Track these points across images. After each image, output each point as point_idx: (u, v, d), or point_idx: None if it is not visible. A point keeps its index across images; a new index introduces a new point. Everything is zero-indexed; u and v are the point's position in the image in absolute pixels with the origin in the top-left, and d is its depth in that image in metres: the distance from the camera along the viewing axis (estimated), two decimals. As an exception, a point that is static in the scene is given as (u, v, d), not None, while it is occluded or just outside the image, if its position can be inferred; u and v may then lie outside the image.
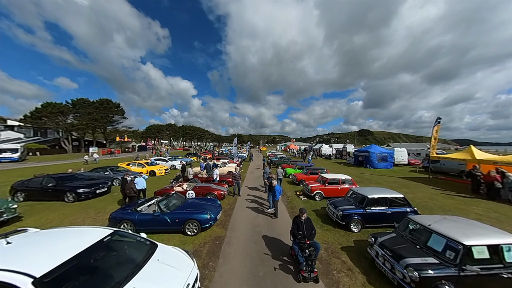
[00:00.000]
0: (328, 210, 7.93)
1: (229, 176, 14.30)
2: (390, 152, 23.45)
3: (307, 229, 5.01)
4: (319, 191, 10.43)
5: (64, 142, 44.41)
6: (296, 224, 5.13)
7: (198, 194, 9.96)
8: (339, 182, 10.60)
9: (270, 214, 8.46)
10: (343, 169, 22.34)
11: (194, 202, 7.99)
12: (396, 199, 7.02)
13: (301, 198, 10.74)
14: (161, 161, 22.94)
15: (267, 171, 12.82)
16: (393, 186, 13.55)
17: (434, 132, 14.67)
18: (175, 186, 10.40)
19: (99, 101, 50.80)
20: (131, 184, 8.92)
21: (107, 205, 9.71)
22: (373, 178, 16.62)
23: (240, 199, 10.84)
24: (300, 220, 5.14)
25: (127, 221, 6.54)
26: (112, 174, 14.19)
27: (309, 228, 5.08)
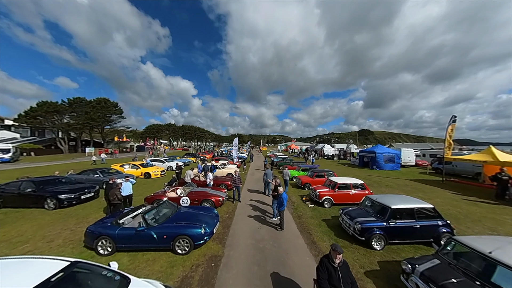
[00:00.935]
0: (342, 221, 6.87)
1: (228, 179, 13.24)
2: (397, 152, 22.38)
3: (344, 283, 3.21)
4: (328, 197, 9.36)
5: (60, 142, 43.34)
6: (327, 272, 3.29)
7: (194, 200, 8.89)
8: (350, 187, 9.54)
9: (275, 225, 7.40)
10: (348, 171, 21.28)
11: (188, 212, 6.92)
12: (424, 210, 5.96)
13: (308, 205, 9.67)
14: (158, 162, 21.92)
15: (269, 174, 11.78)
16: (406, 191, 12.50)
17: (449, 131, 13.59)
18: (168, 192, 9.34)
19: (97, 100, 49.69)
20: (116, 190, 7.86)
21: (91, 213, 8.65)
22: (383, 181, 15.55)
23: (241, 205, 9.79)
24: (332, 265, 3.31)
25: (105, 237, 5.47)
26: (102, 176, 13.13)
27: (347, 280, 3.27)
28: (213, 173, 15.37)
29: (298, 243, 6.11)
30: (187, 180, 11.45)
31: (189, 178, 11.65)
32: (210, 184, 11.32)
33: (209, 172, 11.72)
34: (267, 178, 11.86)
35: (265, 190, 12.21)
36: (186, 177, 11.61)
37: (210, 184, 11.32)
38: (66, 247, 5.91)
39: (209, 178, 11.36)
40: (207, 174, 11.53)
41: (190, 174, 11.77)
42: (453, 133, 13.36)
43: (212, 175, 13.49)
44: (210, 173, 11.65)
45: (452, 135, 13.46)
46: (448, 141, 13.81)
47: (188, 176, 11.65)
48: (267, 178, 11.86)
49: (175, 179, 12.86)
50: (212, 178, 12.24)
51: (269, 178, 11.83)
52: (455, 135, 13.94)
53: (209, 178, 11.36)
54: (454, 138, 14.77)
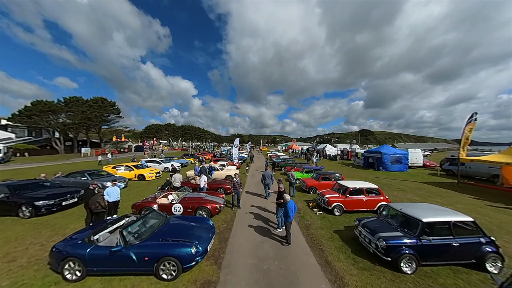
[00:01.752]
0: (360, 234, 5.83)
1: (227, 182, 12.21)
2: (405, 153, 21.34)
3: None
4: (338, 203, 8.32)
5: (56, 142, 42.30)
6: None
7: (187, 208, 7.85)
8: (363, 192, 8.50)
9: (280, 237, 6.37)
10: (353, 172, 20.24)
11: (178, 224, 5.88)
12: (463, 223, 4.93)
13: (316, 212, 8.63)
14: (153, 163, 20.88)
15: (267, 175, 10.82)
16: (421, 195, 11.47)
17: (467, 131, 12.55)
18: (159, 198, 8.31)
19: (93, 99, 48.68)
20: (98, 197, 6.83)
21: (71, 223, 7.61)
22: (393, 184, 14.51)
23: (240, 212, 8.75)
24: None
25: (74, 258, 4.44)
26: (91, 179, 12.09)
27: None
28: (211, 175, 14.36)
29: (309, 263, 5.08)
30: (176, 185, 10.45)
31: (179, 182, 10.65)
32: (204, 188, 10.28)
33: (203, 175, 10.66)
34: (266, 179, 10.96)
35: (266, 193, 11.35)
36: (175, 182, 10.61)
37: (204, 188, 10.28)
38: (29, 268, 4.88)
39: (204, 181, 10.32)
40: (201, 177, 10.47)
41: (179, 179, 10.75)
42: (472, 133, 12.29)
43: (210, 178, 12.50)
44: (204, 176, 10.59)
45: (470, 135, 12.41)
46: (465, 141, 12.76)
47: (177, 181, 10.65)
48: (266, 179, 10.96)
49: (169, 183, 11.83)
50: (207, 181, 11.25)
51: (268, 179, 10.94)
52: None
53: (204, 181, 10.32)
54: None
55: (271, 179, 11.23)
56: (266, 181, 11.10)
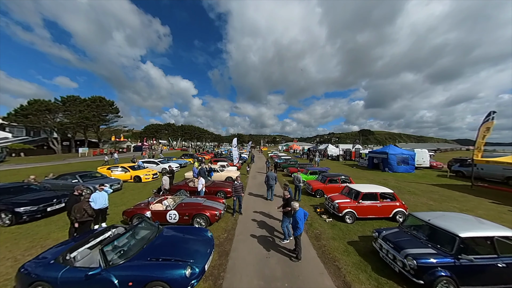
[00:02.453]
0: (380, 249, 5.08)
1: (228, 184, 11.45)
2: (412, 153, 20.58)
3: None
4: (350, 210, 7.56)
5: (53, 142, 41.53)
6: None
7: (184, 215, 7.09)
8: (377, 197, 7.73)
9: (288, 251, 5.61)
10: (358, 173, 19.47)
11: (172, 236, 5.12)
12: (508, 240, 4.17)
13: (325, 219, 7.87)
14: (151, 164, 20.12)
15: (271, 176, 10.28)
16: (435, 199, 10.71)
17: (483, 130, 11.78)
18: (153, 203, 7.55)
19: (91, 98, 47.94)
20: (83, 204, 6.07)
21: (54, 231, 6.86)
22: (402, 186, 13.75)
23: (242, 219, 8.00)
24: None
25: (43, 283, 3.69)
26: (82, 182, 11.32)
27: None
28: (210, 177, 13.60)
29: (325, 285, 4.32)
30: (165, 187, 9.78)
31: (167, 185, 9.98)
32: (202, 192, 9.51)
33: (201, 177, 9.89)
34: (269, 181, 10.51)
35: (268, 195, 10.81)
36: (164, 184, 9.93)
37: (202, 192, 9.51)
38: (-6, 292, 4.13)
39: (201, 184, 9.55)
40: (199, 179, 9.70)
41: (164, 183, 10.07)
42: (489, 133, 11.50)
43: (209, 180, 11.74)
44: (202, 178, 9.82)
45: (487, 135, 11.62)
46: (480, 141, 12.00)
47: (166, 184, 9.97)
48: (269, 181, 10.51)
49: (165, 186, 11.08)
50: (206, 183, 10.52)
51: (271, 181, 10.47)
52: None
53: (201, 184, 9.55)
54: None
55: (274, 181, 10.65)
56: (270, 182, 10.56)
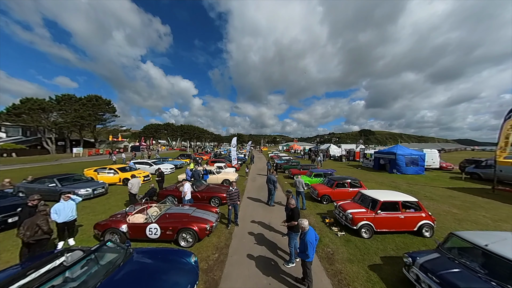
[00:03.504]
0: (418, 281, 3.85)
1: (224, 188, 10.23)
2: (422, 154, 19.33)
3: None
4: (367, 222, 6.33)
5: (47, 141, 40.35)
6: None
7: (166, 230, 5.86)
8: (399, 207, 6.51)
9: (295, 280, 4.39)
10: (365, 175, 18.23)
11: (143, 265, 3.89)
12: None
13: (336, 233, 6.64)
14: (144, 165, 18.90)
15: (272, 179, 9.27)
16: (458, 205, 9.48)
17: (508, 128, 10.55)
18: (132, 214, 6.33)
19: (87, 97, 46.75)
20: (37, 219, 4.84)
21: (7, 250, 5.63)
22: (415, 190, 12.51)
23: (238, 232, 6.78)
24: None
25: None
26: (60, 187, 10.11)
27: None
28: (204, 181, 12.39)
29: None
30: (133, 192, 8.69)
31: (135, 188, 8.85)
32: (186, 199, 8.20)
33: (186, 182, 8.57)
34: (271, 184, 9.51)
35: (268, 200, 9.73)
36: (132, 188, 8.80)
37: (186, 199, 8.20)
38: None
39: (186, 190, 8.25)
40: (184, 184, 8.38)
41: (137, 184, 8.92)
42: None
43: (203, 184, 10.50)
44: (188, 184, 8.50)
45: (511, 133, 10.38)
46: (505, 140, 10.77)
47: (134, 187, 8.81)
48: (271, 184, 9.51)
49: (154, 191, 9.88)
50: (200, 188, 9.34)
51: (270, 185, 9.49)
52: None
53: (186, 190, 8.25)
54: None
55: (274, 185, 9.53)
56: (269, 186, 9.48)
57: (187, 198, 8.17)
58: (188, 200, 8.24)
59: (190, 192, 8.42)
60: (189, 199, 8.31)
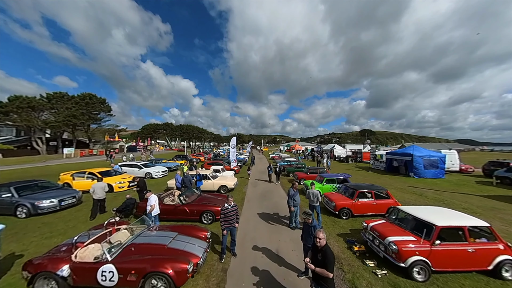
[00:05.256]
0: None
1: (219, 200, 8.29)
2: (441, 155, 17.39)
3: None
4: (421, 258, 4.40)
5: (37, 141, 38.41)
6: None
7: (128, 274, 3.91)
8: (465, 236, 4.57)
9: None
10: (379, 179, 16.28)
11: None
12: None
13: (374, 270, 4.70)
14: (132, 168, 16.94)
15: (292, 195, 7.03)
16: (510, 221, 7.54)
17: None
18: (83, 246, 4.38)
19: (80, 95, 44.81)
20: None
21: None
22: (446, 199, 10.58)
23: (235, 267, 4.87)
24: None
25: None
26: (17, 198, 8.18)
27: None
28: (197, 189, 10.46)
29: None
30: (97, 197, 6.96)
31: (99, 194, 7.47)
32: (152, 217, 6.16)
33: (152, 194, 6.49)
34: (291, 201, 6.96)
35: (291, 221, 7.12)
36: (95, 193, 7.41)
37: (152, 217, 6.16)
38: None
39: (152, 203, 6.26)
40: (150, 197, 6.35)
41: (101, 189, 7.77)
42: None
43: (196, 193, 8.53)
44: (153, 195, 6.45)
45: None
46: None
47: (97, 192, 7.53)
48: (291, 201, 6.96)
49: (132, 203, 7.95)
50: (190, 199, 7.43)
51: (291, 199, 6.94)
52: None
53: (152, 203, 6.26)
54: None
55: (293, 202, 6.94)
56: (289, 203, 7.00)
57: (154, 213, 6.20)
58: (156, 216, 6.30)
59: (158, 205, 6.45)
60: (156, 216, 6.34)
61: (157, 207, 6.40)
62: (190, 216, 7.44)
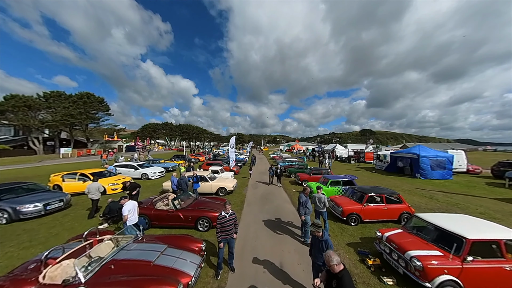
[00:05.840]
0: None
1: (218, 204, 7.64)
2: (449, 156, 16.73)
3: None
4: (451, 277, 3.75)
5: (33, 141, 37.78)
6: None
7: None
8: (501, 251, 3.92)
9: None
10: (384, 181, 15.63)
11: None
12: None
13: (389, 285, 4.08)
14: (128, 169, 16.30)
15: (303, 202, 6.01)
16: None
17: None
18: (54, 263, 3.74)
19: (78, 94, 44.14)
20: None
21: None
22: (459, 202, 9.94)
23: (234, 283, 4.22)
24: None
25: None
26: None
27: None
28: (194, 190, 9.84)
29: None
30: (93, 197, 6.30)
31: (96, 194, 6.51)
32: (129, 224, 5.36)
33: (127, 201, 5.64)
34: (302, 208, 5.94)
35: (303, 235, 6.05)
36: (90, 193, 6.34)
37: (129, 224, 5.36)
38: None
39: (126, 212, 5.35)
40: (125, 204, 5.51)
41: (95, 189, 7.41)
42: None
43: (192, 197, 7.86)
44: (129, 203, 5.57)
45: None
46: None
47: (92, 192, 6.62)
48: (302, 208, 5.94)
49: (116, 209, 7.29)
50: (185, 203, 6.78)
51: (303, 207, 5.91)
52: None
53: (126, 212, 5.35)
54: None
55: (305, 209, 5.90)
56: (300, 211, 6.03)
57: (130, 223, 5.43)
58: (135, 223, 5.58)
59: (136, 212, 5.70)
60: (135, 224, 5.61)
61: (136, 215, 5.69)
62: (184, 222, 6.79)
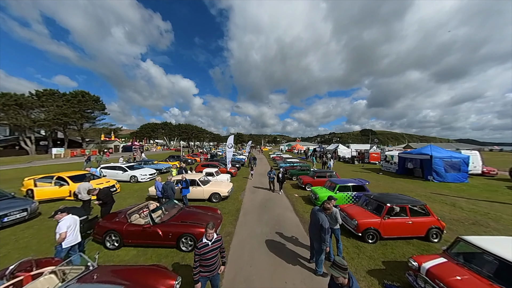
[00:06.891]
0: None
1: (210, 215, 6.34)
2: (464, 157, 15.41)
3: None
4: None
5: (25, 141, 36.51)
6: None
7: None
8: None
9: None
10: (393, 184, 14.31)
11: None
12: None
13: None
14: (117, 170, 15.00)
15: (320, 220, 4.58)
16: None
17: None
18: None
19: (72, 93, 42.89)
20: None
21: None
22: (488, 212, 8.63)
23: None
24: None
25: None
26: None
27: None
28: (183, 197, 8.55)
29: None
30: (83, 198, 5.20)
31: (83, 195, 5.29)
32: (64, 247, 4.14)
33: (65, 215, 4.30)
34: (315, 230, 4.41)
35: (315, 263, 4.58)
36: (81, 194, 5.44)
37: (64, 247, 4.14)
38: None
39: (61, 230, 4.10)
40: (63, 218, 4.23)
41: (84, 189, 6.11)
42: None
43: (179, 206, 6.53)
44: (66, 218, 4.28)
45: None
46: None
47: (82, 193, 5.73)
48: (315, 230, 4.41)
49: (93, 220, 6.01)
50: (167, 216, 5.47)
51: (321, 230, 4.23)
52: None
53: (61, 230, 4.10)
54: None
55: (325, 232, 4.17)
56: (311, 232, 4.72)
57: (67, 244, 4.18)
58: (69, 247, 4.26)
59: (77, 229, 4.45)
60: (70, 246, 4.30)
61: (77, 235, 4.40)
62: (163, 241, 5.50)
